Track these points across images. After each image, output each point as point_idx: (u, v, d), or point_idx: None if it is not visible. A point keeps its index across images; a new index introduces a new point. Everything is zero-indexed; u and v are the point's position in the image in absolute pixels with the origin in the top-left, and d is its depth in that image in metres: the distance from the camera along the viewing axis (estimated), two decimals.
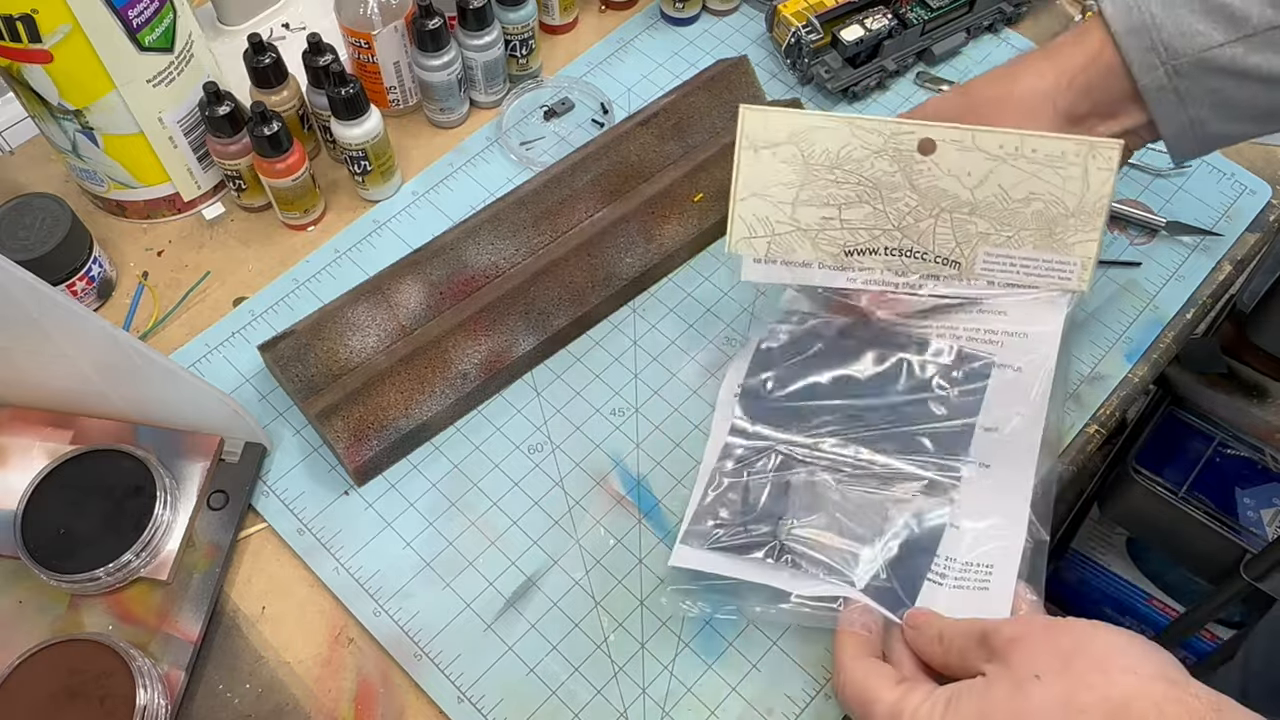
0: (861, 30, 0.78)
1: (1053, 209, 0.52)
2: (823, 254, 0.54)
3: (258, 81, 0.71)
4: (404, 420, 0.63)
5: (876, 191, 0.52)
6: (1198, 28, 0.47)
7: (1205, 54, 0.47)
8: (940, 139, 0.51)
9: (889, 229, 0.53)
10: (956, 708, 0.42)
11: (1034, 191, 0.51)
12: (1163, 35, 0.47)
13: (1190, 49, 0.47)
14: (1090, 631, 0.43)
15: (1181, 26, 0.47)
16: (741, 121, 0.51)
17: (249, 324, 0.70)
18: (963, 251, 0.53)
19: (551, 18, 0.83)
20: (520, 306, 0.66)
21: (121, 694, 0.53)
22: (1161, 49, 0.48)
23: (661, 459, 0.64)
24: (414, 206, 0.75)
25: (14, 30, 0.60)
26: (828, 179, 0.52)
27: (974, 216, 0.52)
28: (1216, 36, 0.47)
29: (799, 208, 0.53)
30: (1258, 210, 0.75)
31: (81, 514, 0.59)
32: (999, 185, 0.51)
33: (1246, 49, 0.47)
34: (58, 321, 0.56)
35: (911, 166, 0.51)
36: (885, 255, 0.54)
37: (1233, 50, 0.47)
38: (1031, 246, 0.53)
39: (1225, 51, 0.47)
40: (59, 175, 0.77)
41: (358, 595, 0.60)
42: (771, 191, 0.53)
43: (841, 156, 0.51)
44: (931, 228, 0.53)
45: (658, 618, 0.59)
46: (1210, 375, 0.94)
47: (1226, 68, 0.47)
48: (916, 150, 0.51)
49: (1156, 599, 1.15)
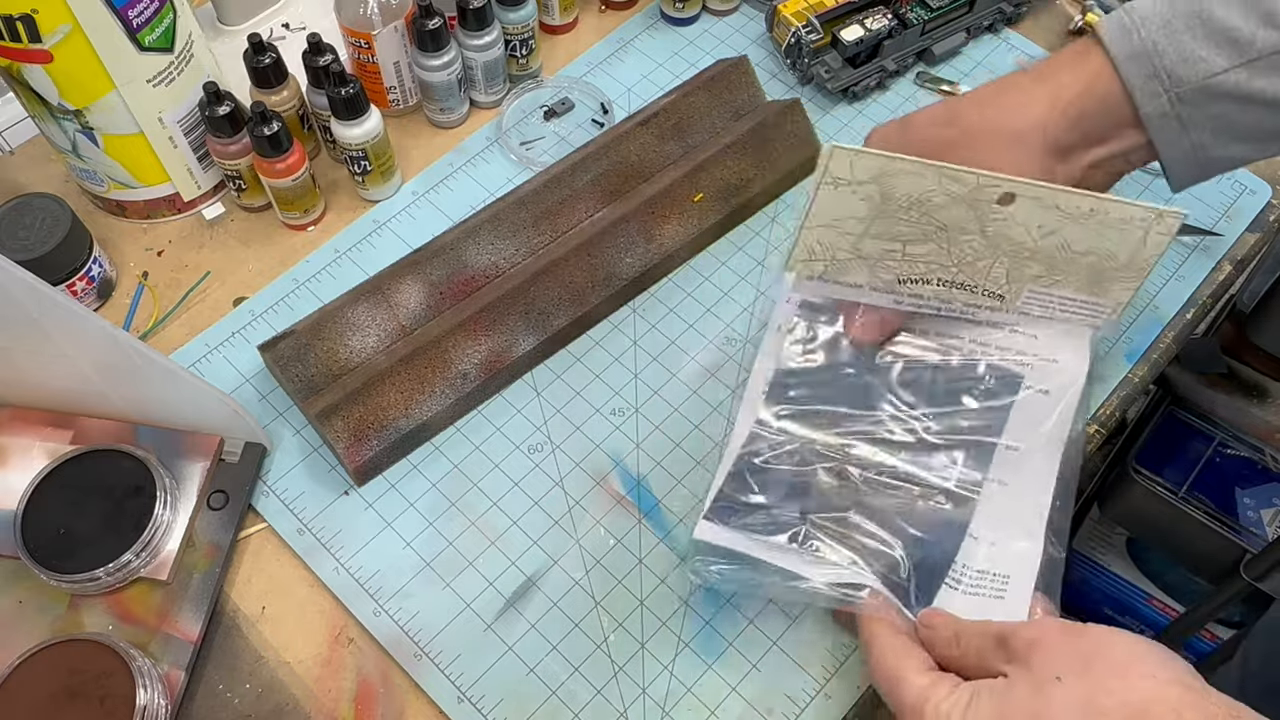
0: (861, 30, 0.78)
1: (1106, 261, 0.54)
2: (876, 279, 0.56)
3: (258, 81, 0.71)
4: (404, 420, 0.63)
5: (945, 233, 0.54)
6: (1200, 54, 0.46)
7: (1209, 81, 0.46)
8: (1022, 194, 0.52)
9: (948, 265, 0.55)
10: (978, 705, 0.43)
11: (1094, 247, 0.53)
12: (1165, 62, 0.47)
13: (1194, 76, 0.47)
14: (1109, 637, 0.43)
15: (1184, 53, 0.46)
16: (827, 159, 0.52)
17: (249, 324, 0.70)
18: (1011, 289, 0.55)
19: (551, 18, 0.83)
20: (520, 306, 0.66)
21: (121, 694, 0.53)
22: (1165, 76, 0.47)
23: (661, 459, 0.64)
24: (414, 206, 0.75)
25: (14, 30, 0.60)
26: (901, 218, 0.53)
27: (1031, 261, 0.54)
28: (1220, 62, 0.46)
29: (865, 239, 0.55)
30: (1258, 210, 0.75)
31: (81, 514, 0.59)
32: (1064, 238, 0.53)
33: (1250, 74, 0.46)
34: (58, 321, 0.56)
35: (986, 214, 0.53)
36: (937, 285, 0.56)
37: (1236, 76, 0.46)
38: (1074, 289, 0.55)
39: (1230, 78, 0.46)
40: (59, 175, 0.77)
41: (358, 595, 0.60)
42: (842, 223, 0.54)
43: (920, 199, 0.53)
44: (988, 267, 0.55)
45: (658, 618, 0.59)
46: (1210, 375, 0.94)
47: (1231, 93, 0.47)
48: (996, 201, 0.52)
49: (1156, 599, 1.15)
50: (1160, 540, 1.09)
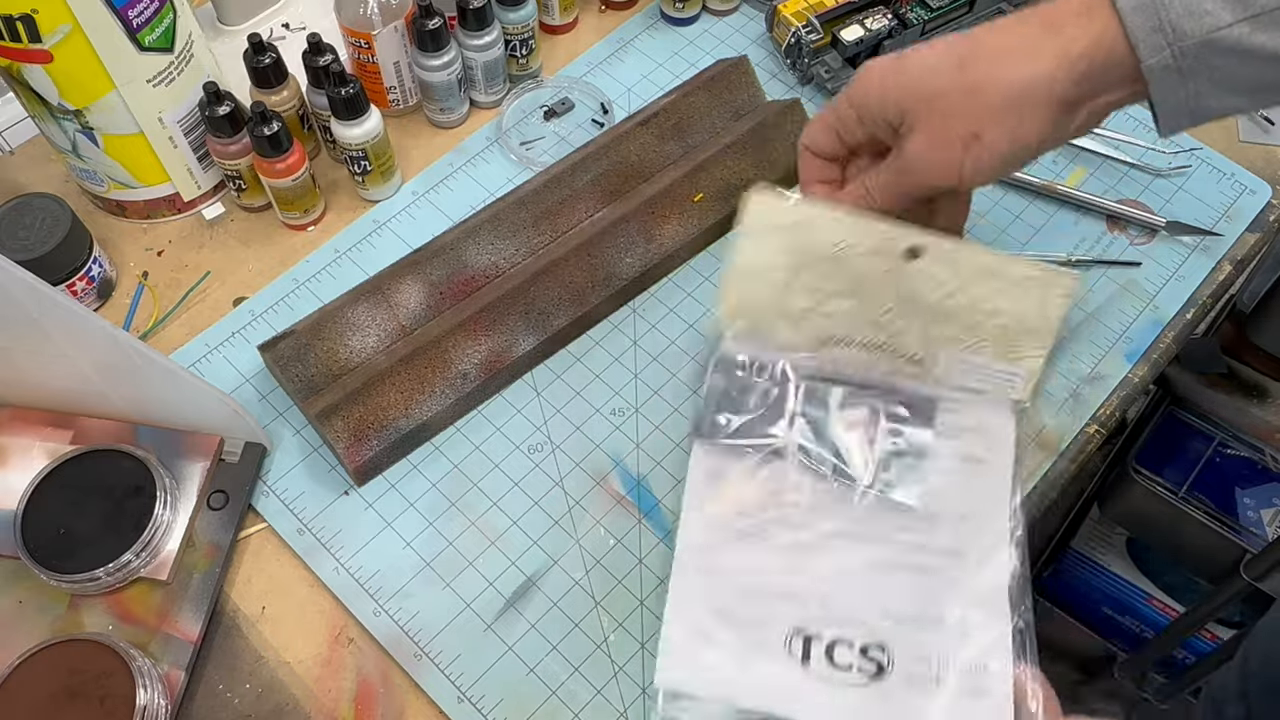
0: (861, 30, 0.78)
1: (1014, 325, 0.53)
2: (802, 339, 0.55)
3: (258, 81, 0.71)
4: (404, 420, 0.63)
5: (862, 287, 0.53)
6: (1206, 7, 0.46)
7: (1213, 35, 0.47)
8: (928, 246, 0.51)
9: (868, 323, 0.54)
10: None
11: (1000, 307, 0.53)
12: (1170, 15, 0.47)
13: (1198, 30, 0.47)
14: None
15: (1190, 6, 0.47)
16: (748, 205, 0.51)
17: (249, 324, 0.70)
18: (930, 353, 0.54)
19: (551, 18, 0.83)
20: (520, 306, 0.66)
21: (121, 694, 0.53)
22: (1169, 29, 0.47)
23: (661, 459, 0.64)
24: (414, 206, 0.75)
25: (14, 30, 0.60)
26: (820, 270, 0.52)
27: (946, 323, 0.53)
28: (1225, 16, 0.46)
29: (789, 293, 0.53)
30: (1258, 210, 0.75)
31: (81, 514, 0.59)
32: (972, 297, 0.52)
33: (1253, 28, 0.46)
34: (58, 321, 0.56)
35: (900, 269, 0.52)
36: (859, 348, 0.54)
37: (1239, 30, 0.46)
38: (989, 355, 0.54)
39: (1233, 32, 0.46)
40: (59, 175, 0.77)
41: (358, 595, 0.60)
42: (765, 275, 0.53)
43: (838, 250, 0.52)
44: (905, 328, 0.54)
45: (658, 618, 0.59)
46: (1210, 375, 0.94)
47: (1233, 47, 0.47)
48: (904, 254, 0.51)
49: (1156, 599, 1.15)
50: (1160, 540, 1.09)
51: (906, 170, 0.52)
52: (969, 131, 0.50)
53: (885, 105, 0.51)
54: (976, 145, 0.50)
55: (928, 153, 0.51)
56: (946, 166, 0.51)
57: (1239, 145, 0.78)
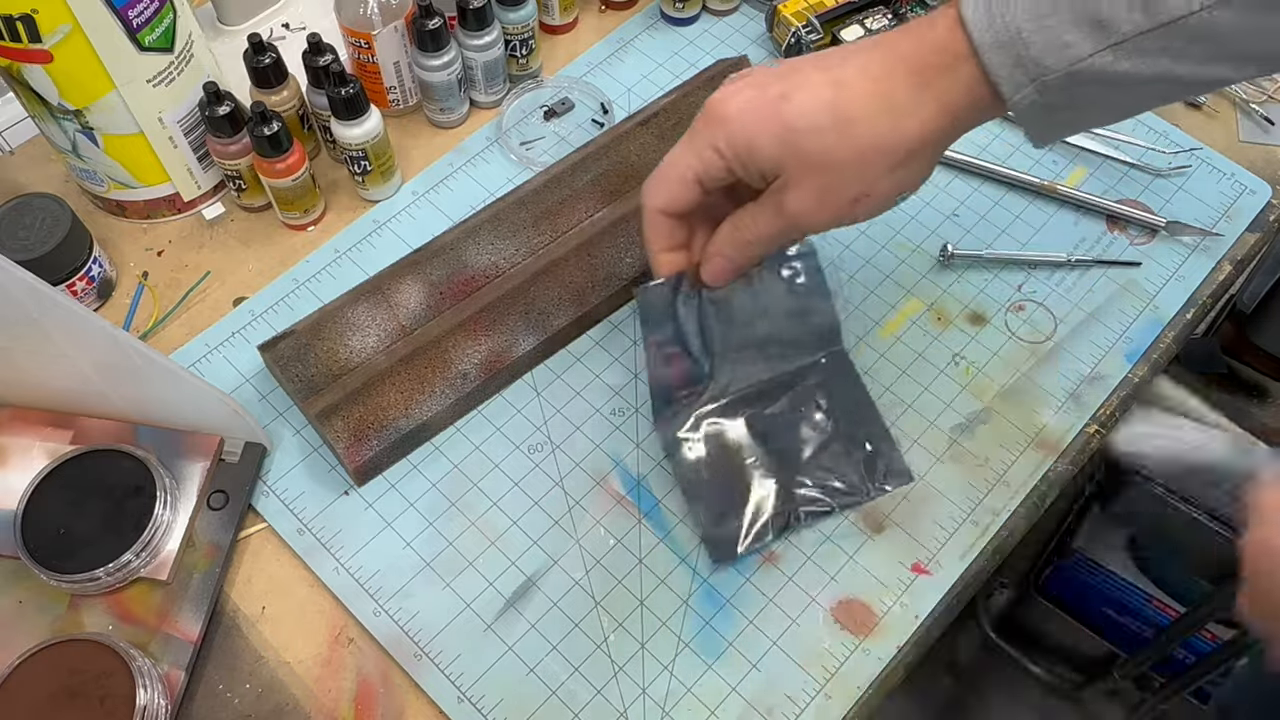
0: (861, 30, 0.78)
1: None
2: None
3: (258, 81, 0.71)
4: (404, 420, 0.63)
5: None
6: (1066, 39, 0.45)
7: (1075, 67, 0.46)
8: None
9: None
10: None
11: None
12: (1032, 51, 0.45)
13: (1060, 63, 0.46)
14: None
15: (1051, 40, 0.45)
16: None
17: (249, 324, 0.70)
18: None
19: (551, 18, 0.83)
20: (520, 306, 0.66)
21: (121, 694, 0.53)
22: (1030, 64, 0.46)
23: (662, 459, 0.64)
24: (414, 206, 0.75)
25: (14, 30, 0.60)
26: None
27: None
28: (1086, 47, 0.45)
29: None
30: (1258, 210, 0.75)
31: (81, 514, 0.59)
32: None
33: (1115, 56, 0.45)
34: (58, 321, 0.56)
35: None
36: None
37: (1102, 60, 0.45)
38: None
39: (1094, 62, 0.45)
40: (59, 175, 0.77)
41: (358, 595, 0.60)
42: None
43: None
44: None
45: (658, 618, 0.59)
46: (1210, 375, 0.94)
47: (1096, 77, 0.46)
48: None
49: (1156, 599, 1.15)
50: (1160, 540, 1.09)
51: (794, 224, 0.52)
52: (860, 192, 0.50)
53: (761, 159, 0.51)
54: (866, 200, 0.50)
55: (817, 211, 0.51)
56: (834, 220, 0.52)
57: (1239, 145, 0.78)
